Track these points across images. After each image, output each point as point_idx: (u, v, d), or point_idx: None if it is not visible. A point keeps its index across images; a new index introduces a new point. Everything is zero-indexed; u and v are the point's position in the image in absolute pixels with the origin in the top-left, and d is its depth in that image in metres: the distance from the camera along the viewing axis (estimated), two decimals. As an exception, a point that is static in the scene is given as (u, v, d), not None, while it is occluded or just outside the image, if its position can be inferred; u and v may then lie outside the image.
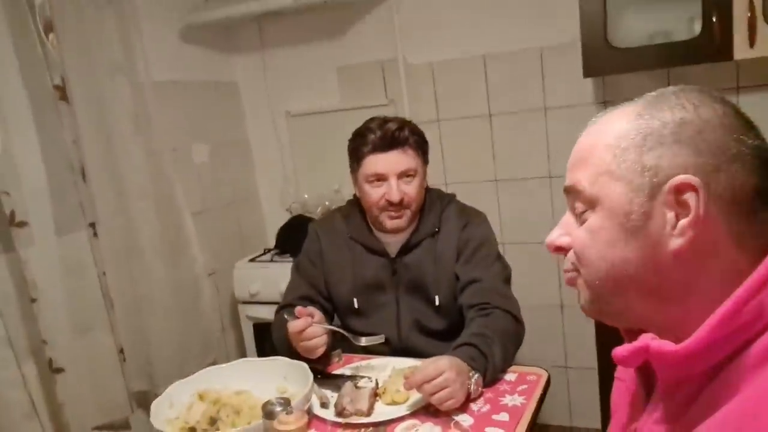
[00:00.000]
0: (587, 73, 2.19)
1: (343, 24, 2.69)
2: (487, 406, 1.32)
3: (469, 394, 1.31)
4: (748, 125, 0.66)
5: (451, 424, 1.27)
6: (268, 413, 1.12)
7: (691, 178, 0.62)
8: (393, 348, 1.68)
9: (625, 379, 0.85)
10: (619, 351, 0.68)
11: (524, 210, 2.56)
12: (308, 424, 1.17)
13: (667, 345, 0.63)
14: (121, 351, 2.10)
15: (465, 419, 1.28)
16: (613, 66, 2.16)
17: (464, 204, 1.76)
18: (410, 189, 1.62)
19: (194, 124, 2.65)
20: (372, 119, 1.66)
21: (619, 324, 0.74)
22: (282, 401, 1.13)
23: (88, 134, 1.98)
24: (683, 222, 0.63)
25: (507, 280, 1.65)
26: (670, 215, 0.64)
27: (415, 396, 1.36)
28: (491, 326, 1.46)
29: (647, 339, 0.65)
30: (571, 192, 0.72)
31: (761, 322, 0.59)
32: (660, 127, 0.66)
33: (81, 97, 1.95)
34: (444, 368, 1.27)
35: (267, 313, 2.51)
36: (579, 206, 0.71)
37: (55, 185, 1.85)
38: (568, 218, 0.74)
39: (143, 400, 2.23)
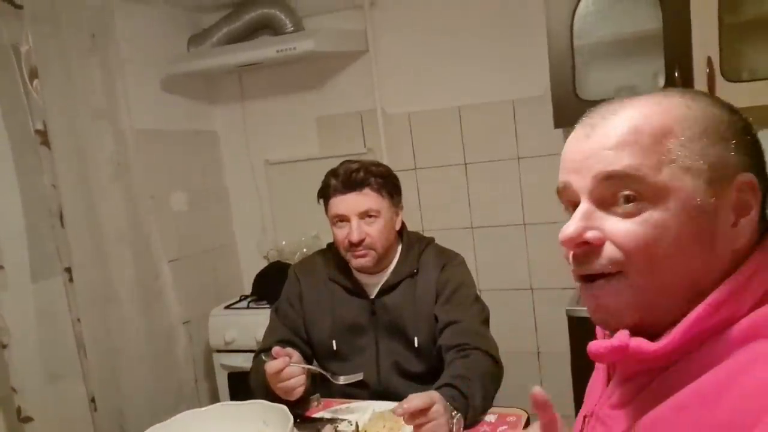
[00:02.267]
0: (557, 124, 2.28)
1: (322, 76, 2.76)
2: (468, 448, 1.32)
3: (449, 435, 1.31)
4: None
5: (433, 465, 1.26)
6: (249, 454, 1.10)
7: (752, 177, 0.63)
8: (372, 391, 1.67)
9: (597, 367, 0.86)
10: (596, 347, 0.66)
11: (499, 256, 2.61)
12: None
13: (645, 344, 0.63)
14: (93, 400, 2.04)
15: (446, 460, 1.27)
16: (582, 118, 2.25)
17: (442, 246, 1.79)
18: (372, 230, 1.64)
19: (173, 172, 2.67)
20: (343, 162, 1.71)
21: (656, 332, 0.66)
22: (263, 441, 1.12)
23: (68, 179, 1.99)
24: (744, 221, 0.63)
25: (485, 321, 1.67)
26: (731, 213, 0.63)
27: (395, 438, 1.36)
28: (471, 368, 1.47)
29: (625, 338, 0.64)
30: (620, 178, 0.63)
31: (738, 315, 0.61)
32: (717, 121, 0.65)
33: (62, 142, 1.96)
34: (436, 400, 1.27)
35: (243, 362, 2.48)
36: (627, 194, 0.63)
37: (32, 229, 1.85)
38: (589, 209, 0.66)
39: (113, 453, 2.17)
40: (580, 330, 2.07)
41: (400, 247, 1.76)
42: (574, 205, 0.69)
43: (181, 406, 2.42)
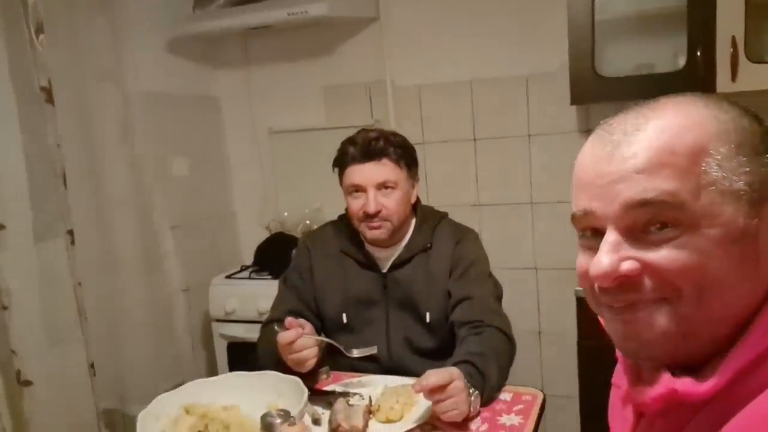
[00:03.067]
0: (574, 101, 2.24)
1: (331, 43, 2.69)
2: (485, 425, 1.30)
3: (468, 412, 1.29)
4: None
5: (450, 442, 1.24)
6: (268, 425, 1.08)
7: None
8: (382, 366, 1.64)
9: (619, 385, 0.80)
10: (641, 398, 0.63)
11: (505, 235, 2.58)
12: (307, 439, 1.13)
13: (693, 387, 0.59)
14: (92, 366, 2.01)
15: (464, 437, 1.25)
16: (599, 94, 2.21)
17: (456, 222, 1.76)
18: (389, 201, 1.60)
19: (175, 136, 2.61)
20: (359, 131, 1.67)
21: (687, 364, 0.61)
22: (282, 413, 1.09)
23: (72, 139, 1.93)
24: None
25: (499, 298, 1.65)
26: None
27: (410, 414, 1.34)
28: (486, 345, 1.44)
29: (670, 382, 0.60)
30: (656, 206, 0.58)
31: None
32: (749, 134, 0.60)
33: (66, 101, 1.91)
34: (456, 376, 1.25)
35: (243, 332, 2.45)
36: (663, 223, 0.58)
37: (35, 188, 1.79)
38: (617, 239, 0.61)
39: (111, 420, 2.14)
40: (589, 310, 2.06)
41: (414, 221, 1.72)
42: (593, 229, 0.64)
43: (178, 374, 2.39)
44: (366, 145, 1.58)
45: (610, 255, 0.60)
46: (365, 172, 1.59)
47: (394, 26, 2.58)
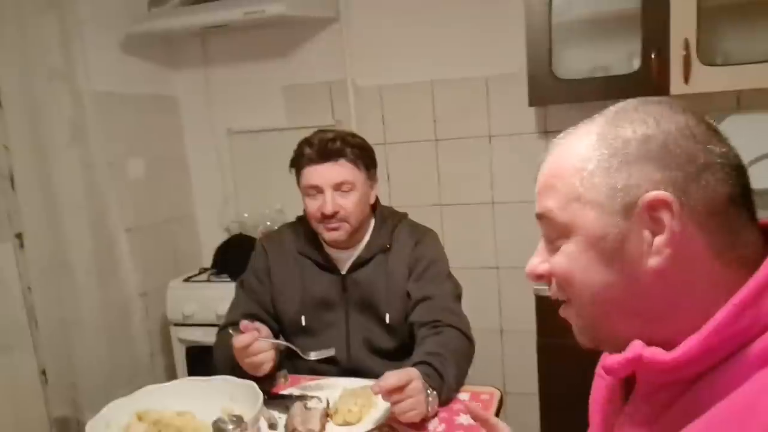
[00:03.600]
0: (532, 102, 2.26)
1: (290, 43, 2.67)
2: (443, 426, 1.29)
3: (426, 413, 1.28)
4: (714, 132, 0.65)
5: (407, 444, 1.23)
6: (219, 431, 1.05)
7: (662, 193, 0.61)
8: (341, 368, 1.63)
9: (604, 376, 0.83)
10: (610, 361, 0.66)
11: (467, 235, 2.59)
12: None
13: (660, 354, 0.62)
14: (44, 373, 1.94)
15: (421, 438, 1.25)
16: (557, 96, 2.24)
17: (416, 222, 1.75)
18: (346, 202, 1.59)
19: (130, 137, 2.55)
20: (317, 131, 1.65)
21: (616, 350, 0.68)
22: (234, 419, 1.06)
23: (21, 140, 1.87)
24: (659, 240, 0.62)
25: (458, 298, 1.65)
26: (646, 234, 0.63)
27: (368, 416, 1.33)
28: (445, 345, 1.44)
29: (638, 348, 0.63)
30: (543, 219, 0.70)
31: (755, 329, 0.59)
32: (623, 145, 0.64)
33: (15, 102, 1.85)
34: (414, 376, 1.25)
35: (202, 336, 2.41)
36: (552, 233, 0.70)
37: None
38: (541, 245, 0.73)
39: (64, 428, 2.08)
40: (547, 308, 2.08)
41: (373, 222, 1.71)
42: None
43: (136, 380, 2.33)
44: (323, 146, 1.57)
45: (535, 258, 0.73)
46: (322, 173, 1.57)
47: (355, 27, 2.57)
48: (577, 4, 2.19)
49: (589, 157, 0.66)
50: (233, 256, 2.56)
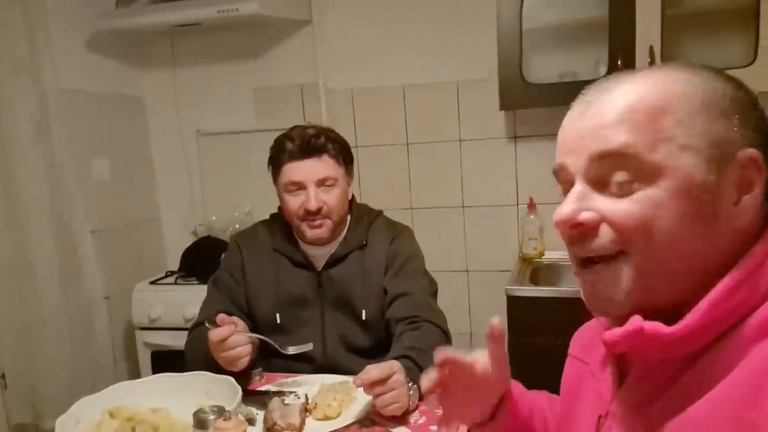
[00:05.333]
0: (503, 106, 2.31)
1: (262, 44, 2.66)
2: (424, 418, 1.29)
3: (407, 406, 1.28)
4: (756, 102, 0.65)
5: (389, 436, 1.22)
6: (200, 422, 1.02)
7: (756, 153, 0.61)
8: (317, 365, 1.60)
9: (586, 361, 0.83)
10: (610, 335, 0.64)
11: (437, 238, 2.60)
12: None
13: (661, 327, 0.61)
14: (2, 377, 1.87)
15: (402, 431, 1.24)
16: (527, 100, 2.28)
17: (392, 219, 1.76)
18: (329, 198, 1.58)
19: (96, 137, 2.50)
20: (293, 127, 1.64)
21: (654, 316, 0.63)
22: (216, 408, 1.04)
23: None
24: (747, 198, 0.61)
25: (434, 294, 1.65)
26: (733, 192, 0.61)
27: (348, 411, 1.31)
28: (423, 340, 1.44)
29: (638, 322, 0.62)
30: (613, 158, 0.62)
31: (754, 300, 0.59)
32: (719, 96, 0.62)
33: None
34: (397, 369, 1.24)
35: (169, 340, 2.36)
36: (622, 175, 0.62)
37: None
38: (583, 190, 0.65)
39: (24, 435, 2.00)
40: (518, 309, 2.10)
41: (349, 219, 1.70)
42: (571, 186, 0.67)
43: (99, 386, 2.23)
44: (306, 142, 1.55)
45: (572, 204, 0.65)
46: (305, 169, 1.55)
47: (327, 29, 2.58)
48: (547, 12, 2.24)
49: (684, 100, 0.62)
50: (201, 259, 2.52)
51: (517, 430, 0.90)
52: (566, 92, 2.33)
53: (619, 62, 2.09)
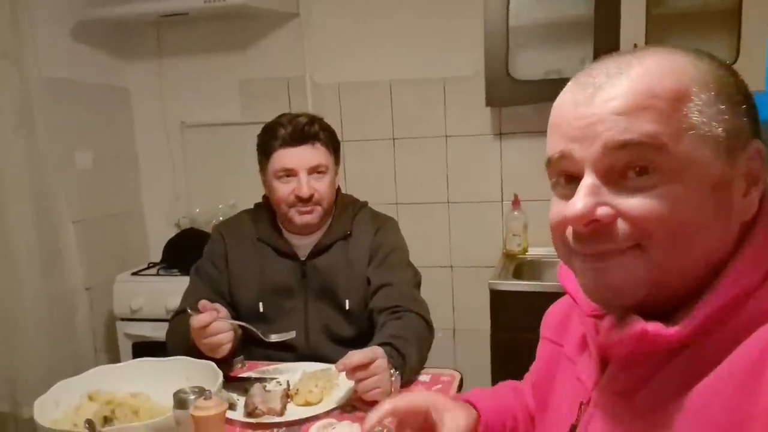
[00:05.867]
0: (489, 103, 2.32)
1: (249, 37, 2.65)
2: (405, 405, 1.29)
3: (389, 392, 1.28)
4: None
5: (370, 422, 1.22)
6: (181, 402, 1.02)
7: (762, 144, 0.59)
8: (299, 354, 1.60)
9: (560, 343, 0.82)
10: (612, 339, 0.62)
11: (422, 233, 2.60)
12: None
13: (663, 329, 0.59)
14: (-20, 365, 1.85)
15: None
16: (513, 97, 2.30)
17: (376, 210, 1.76)
18: (321, 185, 1.59)
19: (79, 127, 2.48)
20: (282, 114, 1.64)
21: (627, 305, 0.62)
22: (197, 389, 1.04)
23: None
24: (754, 190, 0.60)
25: (418, 285, 1.65)
26: (743, 183, 0.59)
27: (330, 397, 1.31)
28: (406, 329, 1.44)
29: (641, 324, 0.60)
30: (636, 148, 0.57)
31: (752, 287, 0.58)
32: (727, 84, 0.60)
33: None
34: (379, 354, 1.24)
35: (150, 331, 2.34)
36: (642, 167, 0.57)
37: None
38: (595, 183, 0.59)
39: (2, 425, 1.98)
40: (502, 304, 2.11)
41: (334, 208, 1.70)
42: (567, 176, 0.63)
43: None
44: (299, 129, 1.55)
45: (587, 198, 0.59)
46: (298, 156, 1.55)
47: (315, 23, 2.58)
48: (534, 9, 2.26)
49: (696, 86, 0.58)
50: (184, 251, 2.50)
51: None
52: (552, 89, 2.35)
53: (603, 60, 2.11)
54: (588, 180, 0.59)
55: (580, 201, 0.59)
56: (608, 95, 0.59)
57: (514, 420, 0.93)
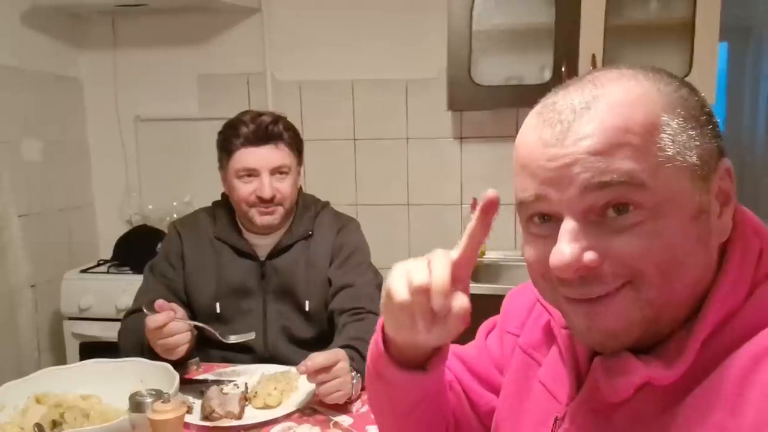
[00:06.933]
0: (451, 107, 2.34)
1: (208, 31, 2.60)
2: (365, 407, 1.28)
3: (350, 394, 1.27)
4: None
5: (330, 425, 1.21)
6: (137, 405, 0.98)
7: (730, 162, 0.58)
8: (258, 356, 1.57)
9: (539, 360, 0.78)
10: (621, 391, 0.59)
11: (382, 235, 2.59)
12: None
13: (663, 374, 0.57)
14: None
15: (344, 420, 1.23)
16: (474, 102, 2.32)
17: (338, 211, 1.75)
18: (283, 186, 1.56)
19: (27, 117, 2.38)
20: (245, 112, 1.60)
21: (622, 347, 0.60)
22: (152, 392, 1.00)
23: None
24: (726, 210, 0.58)
25: (379, 287, 1.64)
26: (717, 205, 0.58)
27: (289, 400, 1.29)
28: (367, 331, 1.41)
29: (643, 371, 0.57)
30: (615, 188, 0.54)
31: (735, 309, 0.57)
32: (691, 105, 0.58)
33: None
34: (341, 357, 1.23)
35: (100, 330, 2.27)
36: (623, 206, 0.55)
37: None
38: (576, 227, 0.57)
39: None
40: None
41: (295, 208, 1.68)
42: (542, 217, 0.60)
43: (21, 376, 2.15)
44: (263, 128, 1.52)
45: (572, 245, 0.56)
46: (261, 156, 1.52)
47: (277, 19, 2.54)
48: (497, 15, 2.29)
49: (666, 110, 0.56)
50: (136, 249, 2.43)
51: (436, 398, 0.82)
52: (512, 95, 2.42)
53: (563, 68, 2.15)
54: (569, 225, 0.57)
55: (566, 249, 0.56)
56: (579, 134, 0.56)
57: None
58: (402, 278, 0.65)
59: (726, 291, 0.57)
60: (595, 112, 0.56)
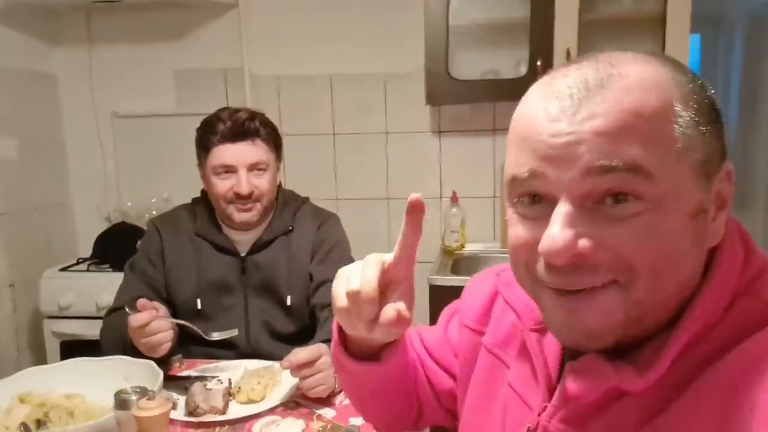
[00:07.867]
0: (429, 101, 2.36)
1: (185, 26, 2.58)
2: (348, 400, 1.30)
3: (333, 388, 1.29)
4: None
5: (314, 417, 1.23)
6: (122, 403, 0.99)
7: (731, 165, 0.56)
8: (240, 352, 1.59)
9: (483, 332, 0.78)
10: (587, 393, 0.57)
11: (362, 230, 2.61)
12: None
13: (634, 381, 0.55)
14: None
15: (327, 412, 1.25)
16: (451, 96, 2.34)
17: (318, 206, 1.76)
18: (261, 182, 1.57)
19: (2, 115, 2.35)
20: (223, 109, 1.61)
21: (600, 348, 0.57)
22: (138, 389, 1.01)
23: None
24: (722, 214, 0.56)
25: (360, 282, 1.66)
26: (713, 207, 0.55)
27: (273, 394, 1.31)
28: (348, 324, 1.45)
29: (613, 377, 0.55)
30: (622, 174, 0.51)
31: (717, 316, 0.56)
32: (704, 99, 0.55)
33: None
34: (323, 352, 1.25)
35: (80, 329, 2.26)
36: (625, 195, 0.51)
37: None
38: (571, 210, 0.53)
39: None
40: (440, 298, 2.15)
41: (275, 204, 1.69)
42: (532, 198, 0.56)
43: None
44: (239, 125, 1.53)
45: (566, 230, 0.52)
46: (238, 153, 1.53)
47: (254, 14, 2.54)
48: (473, 10, 2.31)
49: (679, 99, 0.53)
50: (115, 246, 2.42)
51: (396, 383, 0.83)
52: (489, 89, 2.44)
53: (538, 63, 2.18)
54: (564, 208, 0.53)
55: (560, 232, 0.52)
56: (590, 112, 0.52)
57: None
58: (342, 284, 0.67)
59: (708, 300, 0.54)
60: (609, 91, 0.52)
